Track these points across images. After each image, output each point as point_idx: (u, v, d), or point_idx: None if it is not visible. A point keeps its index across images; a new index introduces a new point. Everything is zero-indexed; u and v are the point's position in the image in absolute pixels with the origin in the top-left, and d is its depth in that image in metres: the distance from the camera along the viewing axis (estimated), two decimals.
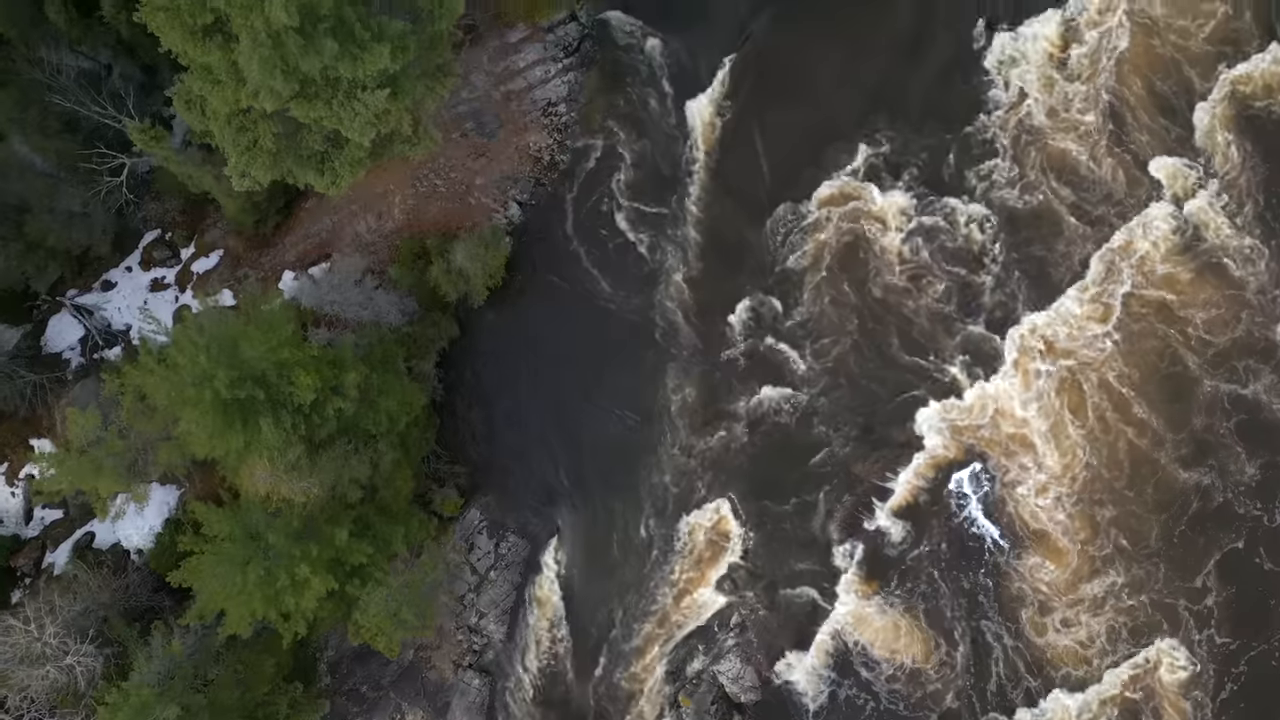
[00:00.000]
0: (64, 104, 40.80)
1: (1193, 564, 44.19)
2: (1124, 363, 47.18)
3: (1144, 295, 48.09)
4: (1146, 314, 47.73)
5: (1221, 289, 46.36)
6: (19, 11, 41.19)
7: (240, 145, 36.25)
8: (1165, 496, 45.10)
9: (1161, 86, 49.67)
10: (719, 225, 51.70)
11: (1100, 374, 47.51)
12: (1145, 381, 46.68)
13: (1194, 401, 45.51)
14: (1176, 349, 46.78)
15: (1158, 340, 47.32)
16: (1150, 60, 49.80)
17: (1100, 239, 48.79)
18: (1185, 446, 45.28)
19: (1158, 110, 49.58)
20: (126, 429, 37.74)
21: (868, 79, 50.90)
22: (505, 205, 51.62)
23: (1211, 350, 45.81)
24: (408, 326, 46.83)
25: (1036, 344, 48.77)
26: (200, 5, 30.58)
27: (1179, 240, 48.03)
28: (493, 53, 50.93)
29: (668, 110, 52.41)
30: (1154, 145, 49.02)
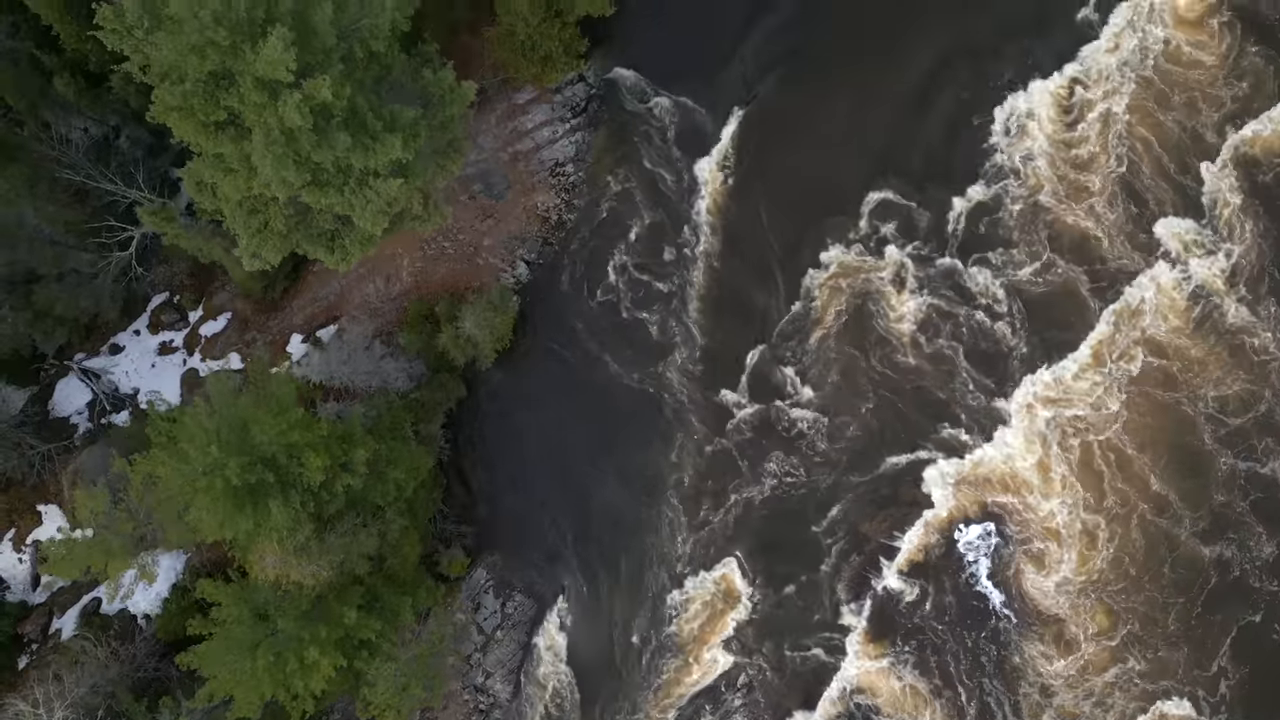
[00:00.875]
0: (73, 177, 40.83)
1: (1208, 642, 44.01)
2: (1132, 429, 47.12)
3: (1152, 362, 48.02)
4: (1155, 381, 47.65)
5: (1229, 357, 46.29)
6: (28, 84, 41.28)
7: (251, 227, 36.27)
8: (1175, 568, 44.89)
9: (1168, 147, 49.73)
10: (725, 285, 51.78)
11: (1108, 440, 47.46)
12: (1152, 447, 46.61)
13: (1205, 474, 45.32)
14: (1185, 416, 46.67)
15: (1166, 406, 47.29)
16: (1157, 121, 49.88)
17: (1107, 301, 48.86)
18: (1193, 517, 45.04)
19: (1165, 171, 49.63)
20: (135, 508, 37.72)
21: (874, 140, 51.00)
22: (513, 265, 51.69)
23: (1222, 423, 45.68)
24: (415, 392, 46.87)
25: (1043, 406, 48.76)
26: (213, 104, 30.58)
27: (1187, 305, 48.02)
28: (501, 114, 51.05)
29: (675, 169, 52.52)
30: (1161, 206, 49.07)
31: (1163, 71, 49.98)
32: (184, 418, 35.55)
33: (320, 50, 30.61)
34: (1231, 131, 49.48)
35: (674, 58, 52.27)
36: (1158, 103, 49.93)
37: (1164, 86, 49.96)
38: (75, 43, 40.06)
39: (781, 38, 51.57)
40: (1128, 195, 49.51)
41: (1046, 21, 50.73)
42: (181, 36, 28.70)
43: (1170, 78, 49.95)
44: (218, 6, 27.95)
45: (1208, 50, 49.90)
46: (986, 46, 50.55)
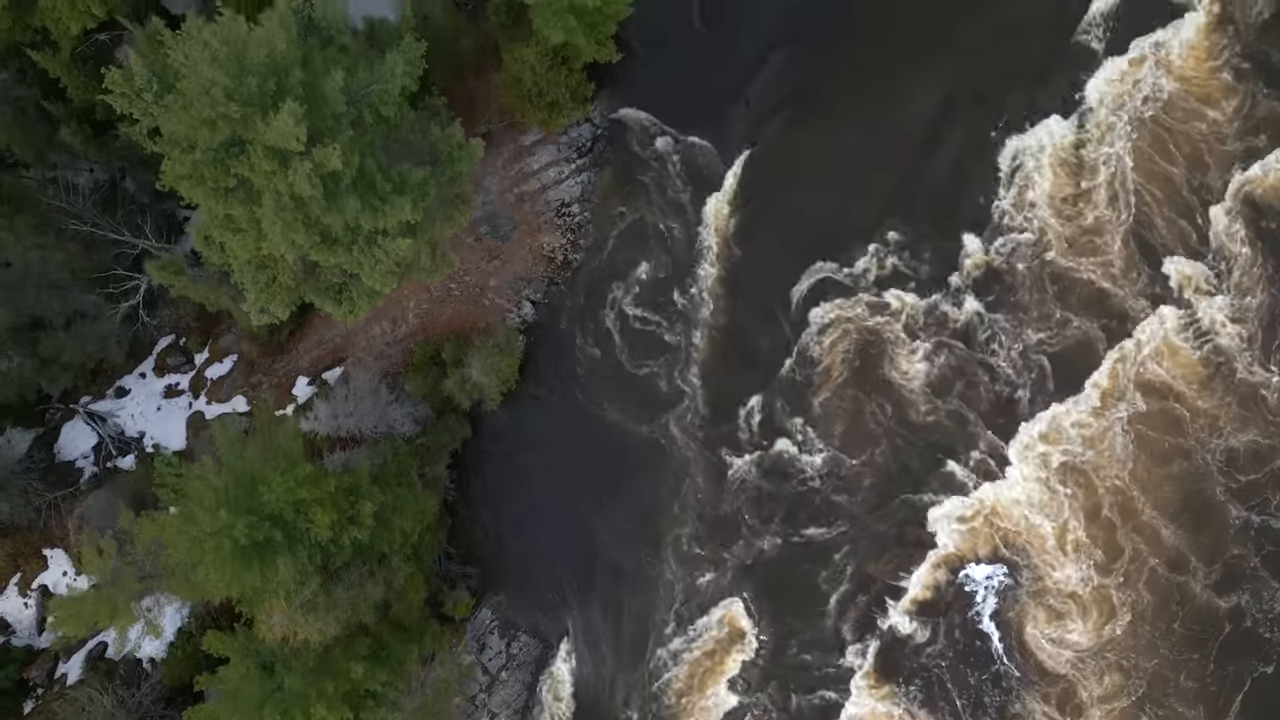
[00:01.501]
0: (80, 227, 40.80)
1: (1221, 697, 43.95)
2: (1140, 476, 47.04)
3: (1157, 406, 47.90)
4: (1161, 427, 47.53)
5: (1239, 408, 46.12)
6: (35, 133, 41.24)
7: (259, 282, 36.26)
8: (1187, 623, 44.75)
9: (1173, 188, 49.70)
10: (731, 326, 51.74)
11: (1114, 486, 47.39)
12: (1161, 496, 46.50)
13: (1216, 526, 45.10)
14: (1195, 467, 46.50)
15: (1174, 454, 47.15)
16: (1162, 163, 49.81)
17: (1112, 343, 48.81)
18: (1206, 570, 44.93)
19: (1171, 212, 49.60)
20: (141, 560, 37.70)
21: (880, 182, 50.92)
22: (519, 305, 51.67)
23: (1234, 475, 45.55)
24: (421, 437, 46.86)
25: (1047, 449, 48.78)
26: (224, 171, 30.55)
27: (1194, 348, 47.88)
28: (507, 156, 51.01)
29: (681, 209, 52.48)
30: (1167, 249, 48.95)
31: (1168, 113, 49.91)
32: (191, 476, 35.49)
33: (330, 116, 30.61)
34: (1238, 173, 49.58)
35: (680, 98, 52.20)
36: (1163, 145, 49.88)
37: (1170, 129, 49.93)
38: (82, 94, 40.06)
39: (788, 80, 51.48)
40: (1133, 237, 49.45)
41: (1052, 64, 50.56)
42: (193, 110, 28.68)
43: (1176, 120, 49.89)
44: (229, 83, 27.93)
45: (1214, 92, 49.87)
46: (992, 91, 50.40)
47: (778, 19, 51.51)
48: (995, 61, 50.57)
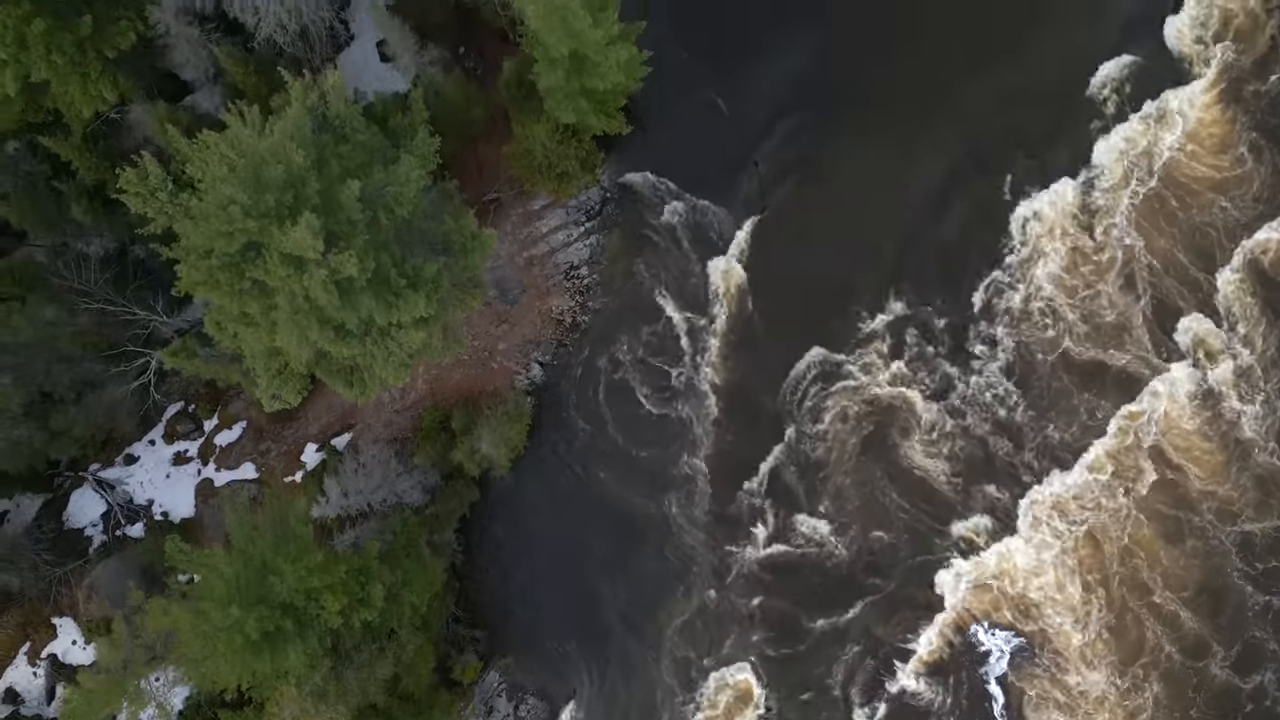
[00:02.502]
0: (91, 304, 40.82)
1: None
2: (1149, 545, 47.20)
3: (1167, 476, 48.04)
4: (1170, 497, 47.68)
5: (1255, 490, 46.20)
6: (46, 210, 41.26)
7: (271, 369, 36.31)
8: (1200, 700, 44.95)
9: (1182, 251, 49.81)
10: (739, 384, 51.76)
11: (1124, 554, 47.49)
12: (1171, 567, 46.65)
13: (1228, 603, 45.31)
14: (1204, 540, 46.73)
15: (1182, 525, 47.24)
16: (1170, 227, 49.91)
17: (1120, 408, 48.96)
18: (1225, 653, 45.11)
19: (1178, 275, 49.70)
20: (151, 640, 37.69)
21: (889, 246, 50.98)
22: (527, 367, 51.69)
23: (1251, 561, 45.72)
24: (430, 506, 46.88)
25: (1056, 514, 48.88)
26: (239, 275, 30.58)
27: (1204, 421, 48.04)
28: (516, 220, 51.04)
29: (689, 271, 52.50)
30: (1175, 310, 49.12)
31: (1175, 178, 50.03)
32: (202, 563, 35.48)
33: (345, 221, 30.63)
34: (1246, 238, 49.70)
35: (688, 162, 52.20)
36: (1170, 210, 49.99)
37: (1177, 194, 50.02)
38: (93, 174, 40.10)
39: (796, 145, 51.45)
40: (1141, 303, 49.51)
41: (1059, 130, 50.63)
42: (210, 224, 28.73)
43: (1183, 185, 50.00)
44: (246, 201, 27.97)
45: (1221, 157, 50.03)
46: (999, 156, 50.47)
47: (785, 86, 51.46)
48: (1002, 127, 50.63)
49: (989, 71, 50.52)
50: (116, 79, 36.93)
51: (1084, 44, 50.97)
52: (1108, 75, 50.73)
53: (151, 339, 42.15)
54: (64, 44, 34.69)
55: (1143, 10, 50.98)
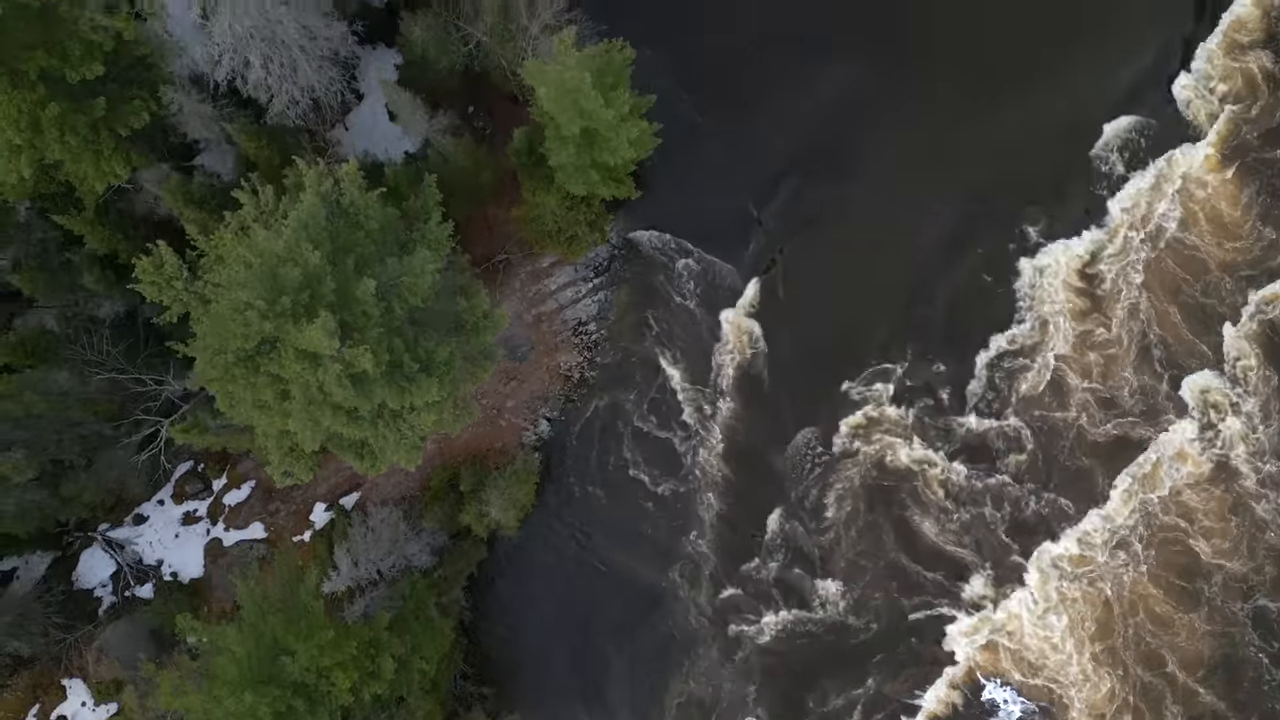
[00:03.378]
0: (102, 374, 40.92)
1: None
2: (1153, 594, 47.36)
3: (1171, 523, 48.33)
4: (1174, 547, 47.89)
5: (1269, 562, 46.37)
6: (57, 282, 41.37)
7: (283, 447, 36.36)
8: None
9: (1189, 307, 50.02)
10: (746, 440, 51.87)
11: (1132, 611, 47.65)
12: (1179, 624, 46.83)
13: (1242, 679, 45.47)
14: (1207, 596, 46.92)
15: (1185, 579, 47.49)
16: (1177, 281, 50.13)
17: (1126, 462, 49.10)
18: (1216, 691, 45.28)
19: (1185, 331, 49.88)
20: (164, 714, 37.78)
21: (897, 300, 51.17)
22: (535, 423, 51.77)
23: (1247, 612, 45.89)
24: (439, 568, 46.95)
25: (1063, 571, 49.03)
26: (254, 369, 30.69)
27: (1209, 468, 48.14)
28: (524, 278, 51.15)
29: (697, 325, 52.62)
30: (1182, 366, 49.40)
31: (1183, 232, 50.22)
32: (213, 642, 35.53)
33: (360, 313, 30.73)
34: (1253, 293, 49.88)
35: (695, 218, 52.36)
36: (1178, 264, 50.20)
37: (1184, 248, 50.22)
38: (106, 245, 40.23)
39: (802, 199, 51.65)
40: (1147, 357, 49.71)
41: (1067, 183, 50.92)
42: (227, 326, 28.86)
43: (1191, 239, 50.18)
44: (264, 306, 28.09)
45: (1229, 211, 50.24)
46: (1007, 210, 50.76)
47: (791, 142, 51.62)
48: (1010, 183, 50.85)
49: (997, 127, 50.79)
50: (129, 155, 37.05)
51: (1093, 101, 51.25)
52: (1116, 132, 51.02)
53: (163, 406, 42.22)
54: (78, 126, 34.80)
55: (1151, 69, 51.31)
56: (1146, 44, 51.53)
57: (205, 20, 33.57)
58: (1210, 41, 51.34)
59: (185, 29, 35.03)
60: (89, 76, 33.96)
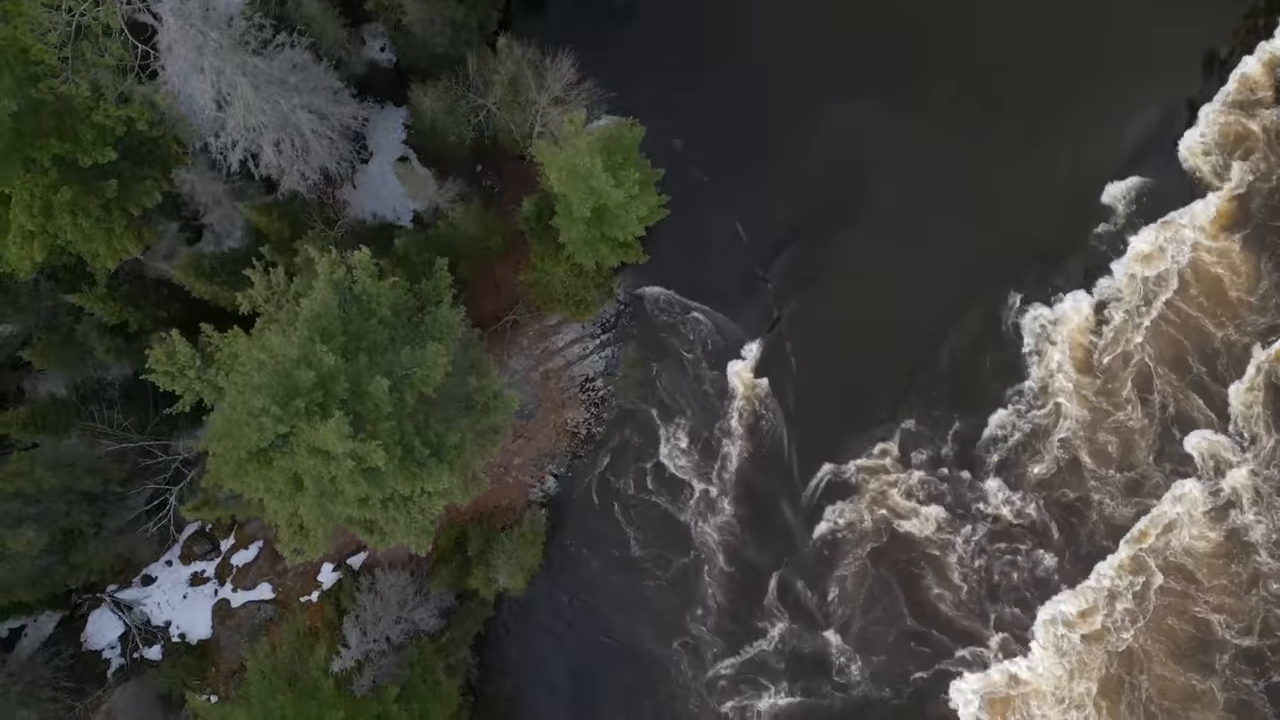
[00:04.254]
0: (112, 446, 40.99)
1: None
2: (1159, 654, 47.47)
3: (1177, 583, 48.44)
4: (1180, 600, 48.03)
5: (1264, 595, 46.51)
6: (69, 353, 41.46)
7: (293, 526, 36.40)
8: None
9: (1194, 364, 50.16)
10: (752, 496, 51.99)
11: (1135, 664, 47.79)
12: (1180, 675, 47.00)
13: None
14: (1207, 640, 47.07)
15: (1189, 625, 47.66)
16: (1183, 338, 50.27)
17: (1132, 520, 49.24)
18: None
19: (1191, 388, 50.00)
20: None
21: (902, 356, 51.32)
22: (542, 480, 51.84)
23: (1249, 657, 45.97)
24: (446, 632, 46.99)
25: (1068, 629, 49.15)
26: (267, 463, 30.76)
27: (1215, 528, 48.24)
28: (532, 336, 51.22)
29: (702, 380, 52.72)
30: (1188, 424, 49.56)
31: (1188, 291, 50.41)
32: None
33: (373, 406, 30.81)
34: (1259, 351, 50.00)
35: (702, 275, 52.49)
36: (1183, 322, 50.35)
37: (1190, 306, 50.38)
38: (117, 318, 40.29)
39: (808, 257, 51.76)
40: (1153, 413, 49.84)
41: (1071, 243, 51.04)
42: (242, 431, 28.94)
43: (1196, 297, 50.36)
44: (277, 411, 28.17)
45: (1234, 269, 50.37)
46: (1013, 267, 50.95)
47: (795, 200, 51.69)
48: (1016, 240, 50.95)
49: (1002, 186, 50.88)
50: (141, 232, 37.12)
51: (1098, 159, 51.39)
52: (1122, 190, 51.17)
53: (173, 476, 42.29)
54: (90, 208, 34.86)
55: (1157, 127, 51.44)
56: (1153, 102, 51.67)
57: (220, 109, 33.59)
58: (1217, 100, 51.49)
59: (199, 117, 35.10)
60: (101, 161, 34.06)
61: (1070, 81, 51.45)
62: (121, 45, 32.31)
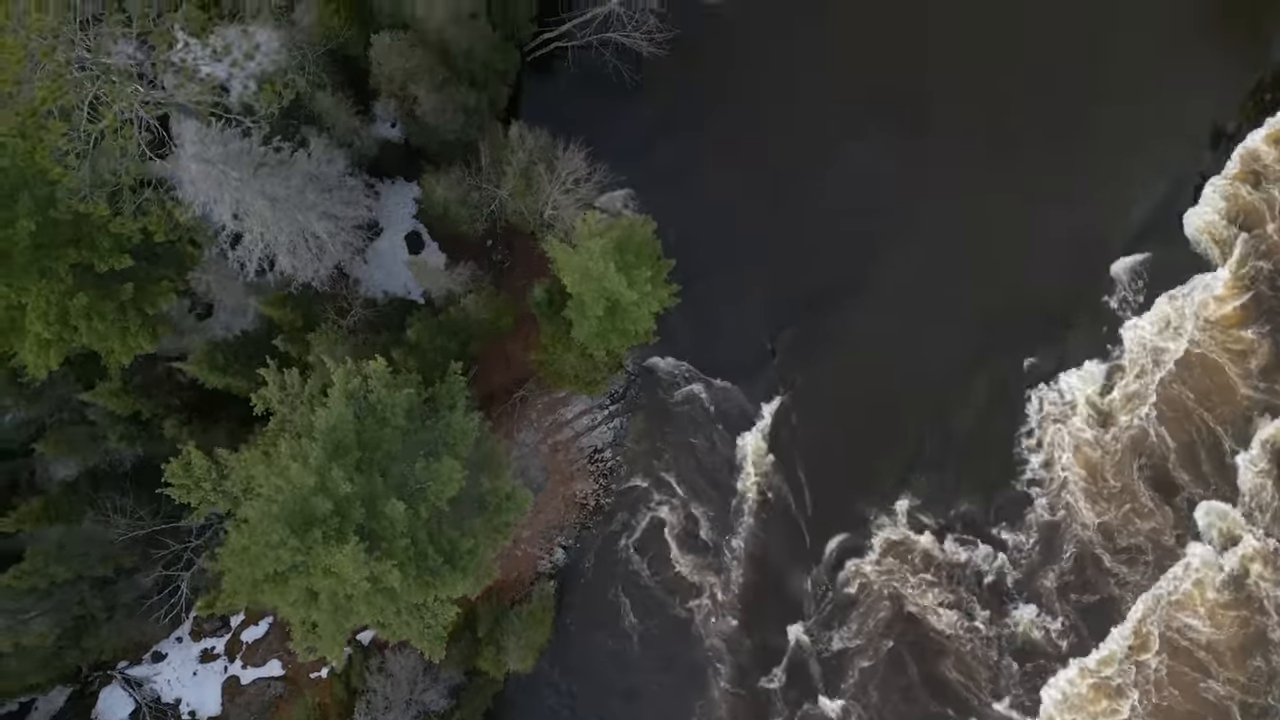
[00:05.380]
0: (123, 535, 41.12)
1: None
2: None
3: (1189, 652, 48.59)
4: (1191, 670, 48.21)
5: None
6: (81, 441, 41.59)
7: (305, 624, 36.50)
8: None
9: (1201, 435, 50.41)
10: (760, 569, 52.12)
11: None
12: None
13: None
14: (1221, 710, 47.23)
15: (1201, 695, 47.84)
16: (1190, 409, 50.50)
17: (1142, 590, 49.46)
18: None
19: (1197, 459, 50.24)
20: None
21: (910, 426, 51.54)
22: (550, 552, 51.97)
23: None
24: (456, 711, 47.09)
25: (1078, 695, 49.34)
26: (282, 583, 30.92)
27: (1224, 595, 48.40)
28: (541, 409, 51.38)
29: (711, 450, 52.88)
30: (1195, 495, 49.85)
31: (1194, 365, 50.69)
32: None
33: (388, 524, 30.98)
34: (1264, 424, 50.25)
35: (709, 346, 52.67)
36: (1190, 391, 50.59)
37: (1197, 375, 50.67)
38: (130, 410, 40.44)
39: (815, 328, 51.94)
40: (1162, 482, 50.07)
41: (1081, 312, 51.33)
42: (258, 563, 29.11)
43: (1202, 371, 50.64)
44: (296, 543, 28.33)
45: (1240, 343, 50.62)
46: (1019, 339, 51.23)
47: (801, 274, 51.86)
48: (1023, 311, 51.21)
49: (1009, 258, 51.05)
50: (155, 329, 37.28)
51: (1106, 232, 51.70)
52: (1128, 262, 51.46)
53: (185, 562, 42.47)
54: (106, 311, 35.02)
55: (1163, 200, 51.76)
56: (1159, 175, 51.98)
57: (237, 219, 33.77)
58: (1223, 174, 51.79)
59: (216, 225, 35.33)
60: (117, 268, 34.24)
61: (1078, 154, 51.72)
62: (139, 162, 32.52)
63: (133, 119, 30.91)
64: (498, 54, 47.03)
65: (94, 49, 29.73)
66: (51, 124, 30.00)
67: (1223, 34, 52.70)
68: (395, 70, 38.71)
